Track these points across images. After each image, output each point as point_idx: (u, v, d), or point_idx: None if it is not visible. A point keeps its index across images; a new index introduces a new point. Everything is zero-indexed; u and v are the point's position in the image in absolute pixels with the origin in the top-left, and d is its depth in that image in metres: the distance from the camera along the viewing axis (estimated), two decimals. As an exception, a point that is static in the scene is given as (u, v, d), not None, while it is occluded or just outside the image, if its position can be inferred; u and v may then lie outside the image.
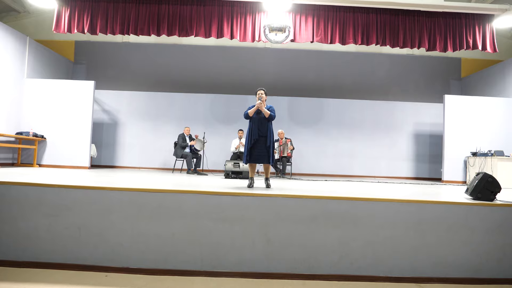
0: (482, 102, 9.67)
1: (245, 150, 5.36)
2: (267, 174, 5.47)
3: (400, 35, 7.93)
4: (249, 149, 5.28)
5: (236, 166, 7.64)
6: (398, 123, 11.24)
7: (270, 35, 7.18)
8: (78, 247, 3.97)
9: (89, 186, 4.11)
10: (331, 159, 10.96)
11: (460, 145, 9.42)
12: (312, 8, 7.94)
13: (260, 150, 5.27)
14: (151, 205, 4.03)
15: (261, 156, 5.27)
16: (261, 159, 5.28)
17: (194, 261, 3.95)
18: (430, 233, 4.00)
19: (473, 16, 8.05)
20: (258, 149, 5.28)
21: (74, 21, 7.86)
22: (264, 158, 5.27)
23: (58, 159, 9.19)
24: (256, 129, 5.27)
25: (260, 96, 5.37)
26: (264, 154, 5.27)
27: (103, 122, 11.00)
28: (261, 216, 3.97)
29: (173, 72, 11.48)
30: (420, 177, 11.07)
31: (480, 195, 4.40)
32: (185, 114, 11.03)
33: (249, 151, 5.29)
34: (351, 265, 3.93)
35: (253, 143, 5.26)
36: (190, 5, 7.84)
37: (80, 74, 11.52)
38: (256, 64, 11.53)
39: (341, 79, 11.58)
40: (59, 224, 4.01)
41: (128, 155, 10.97)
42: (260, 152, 5.27)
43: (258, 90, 5.42)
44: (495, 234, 4.05)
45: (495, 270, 4.04)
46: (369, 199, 4.07)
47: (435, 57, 11.59)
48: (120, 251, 3.95)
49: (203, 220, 3.99)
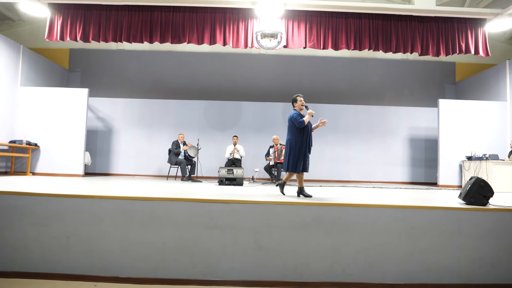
0: (476, 106, 9.69)
1: (296, 159, 5.19)
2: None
3: (393, 40, 7.94)
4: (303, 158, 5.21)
5: (230, 172, 7.60)
6: (393, 127, 11.23)
7: (263, 41, 7.18)
8: (67, 257, 3.92)
9: (78, 195, 4.08)
10: (327, 164, 10.93)
11: (455, 150, 9.42)
12: (304, 14, 7.95)
13: (307, 158, 5.28)
14: (142, 214, 3.99)
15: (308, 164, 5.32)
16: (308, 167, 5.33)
17: (185, 269, 3.90)
18: (423, 238, 3.97)
19: (465, 20, 8.07)
20: (306, 157, 5.27)
21: (67, 29, 7.85)
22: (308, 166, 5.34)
23: (52, 167, 9.14)
24: (311, 137, 5.28)
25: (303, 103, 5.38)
26: (308, 162, 5.31)
27: (97, 130, 10.96)
28: (252, 223, 3.94)
29: (168, 79, 11.47)
30: (416, 181, 11.04)
31: (473, 200, 4.38)
32: (180, 121, 11.00)
33: (303, 159, 5.21)
34: (343, 272, 3.89)
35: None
36: (183, 12, 7.84)
37: (75, 81, 11.49)
38: (251, 71, 11.53)
39: (336, 85, 11.58)
40: (48, 233, 3.97)
41: (122, 163, 10.92)
42: (307, 160, 5.28)
43: (299, 97, 5.43)
44: (489, 239, 4.02)
45: (489, 275, 4.00)
46: (361, 205, 4.05)
47: (430, 61, 11.62)
48: (110, 260, 3.90)
49: (194, 228, 3.95)
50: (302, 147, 5.19)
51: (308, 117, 5.21)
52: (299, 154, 5.18)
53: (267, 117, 11.13)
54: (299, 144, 5.19)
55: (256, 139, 10.79)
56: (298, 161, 5.18)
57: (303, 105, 5.38)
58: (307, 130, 5.24)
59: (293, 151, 5.20)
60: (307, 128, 5.24)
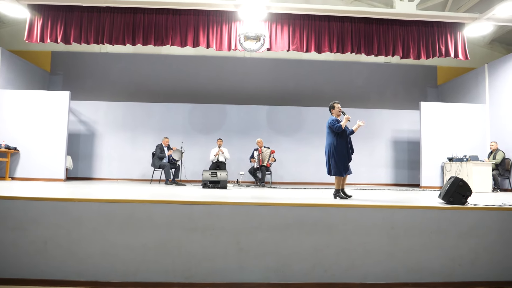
0: (457, 109, 9.86)
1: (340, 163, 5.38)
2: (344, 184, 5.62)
3: (375, 43, 8.04)
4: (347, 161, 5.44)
5: (213, 175, 7.56)
6: (377, 130, 11.34)
7: (246, 43, 7.18)
8: (45, 261, 3.84)
9: (56, 198, 4.00)
10: (312, 167, 10.95)
11: (437, 151, 9.56)
12: (287, 17, 7.99)
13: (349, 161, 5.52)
14: (121, 216, 3.93)
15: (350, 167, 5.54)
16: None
17: (166, 272, 3.86)
18: (403, 238, 4.00)
19: (445, 24, 8.22)
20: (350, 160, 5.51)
21: (47, 30, 7.73)
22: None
23: (32, 171, 8.94)
24: (350, 141, 5.51)
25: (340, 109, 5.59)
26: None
27: (79, 133, 10.80)
28: (233, 225, 3.91)
29: (152, 82, 11.38)
30: (399, 183, 11.15)
31: (452, 199, 4.44)
32: (164, 124, 10.91)
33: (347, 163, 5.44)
34: (325, 273, 3.89)
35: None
36: (166, 14, 7.80)
37: (56, 84, 11.30)
38: (236, 74, 11.52)
39: (321, 88, 11.63)
40: (25, 238, 3.88)
41: (105, 167, 10.76)
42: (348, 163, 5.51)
43: (336, 103, 5.64)
44: (468, 237, 4.08)
45: (468, 273, 4.05)
46: (342, 205, 4.06)
47: (412, 65, 11.79)
48: (89, 264, 3.83)
49: (175, 230, 3.91)
50: (343, 151, 5.42)
51: (345, 121, 5.41)
52: (343, 157, 5.42)
53: (252, 120, 11.13)
54: (340, 148, 5.42)
55: (240, 142, 10.76)
56: (342, 165, 5.41)
57: (340, 111, 5.59)
58: (346, 134, 5.47)
59: (335, 156, 5.41)
60: (345, 132, 5.46)
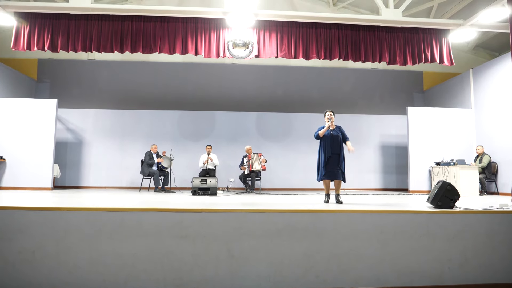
0: (443, 113, 10.01)
1: (319, 168, 5.72)
2: (338, 190, 5.72)
3: (362, 49, 8.14)
4: (324, 167, 5.60)
5: (203, 182, 7.54)
6: (365, 135, 11.42)
7: (234, 50, 7.21)
8: (32, 272, 3.78)
9: (43, 207, 3.94)
10: (301, 173, 10.98)
11: (424, 156, 9.67)
12: (275, 24, 8.05)
13: (333, 167, 5.62)
14: (110, 225, 3.90)
15: (334, 173, 5.63)
16: (335, 175, 5.64)
17: (156, 281, 3.82)
18: (392, 242, 4.03)
19: (430, 31, 8.37)
20: (332, 166, 5.59)
21: (34, 38, 7.66)
22: (338, 174, 5.64)
23: (19, 180, 8.80)
24: (329, 147, 5.63)
25: (330, 116, 5.79)
26: (337, 171, 5.63)
27: (67, 142, 10.67)
28: (224, 232, 3.91)
29: (140, 90, 11.34)
30: (388, 188, 11.24)
31: (440, 203, 4.50)
32: (152, 132, 10.85)
33: (324, 168, 5.60)
34: (316, 279, 3.90)
35: (327, 160, 5.61)
36: (154, 21, 7.79)
37: (43, 92, 11.18)
38: (224, 81, 11.54)
39: (309, 94, 11.73)
40: (12, 248, 3.82)
41: (94, 175, 10.64)
42: (333, 169, 5.62)
43: (328, 112, 5.85)
44: (456, 240, 4.13)
45: (457, 276, 4.10)
46: (331, 211, 4.08)
47: (399, 71, 11.95)
48: (78, 274, 3.78)
49: (165, 239, 3.89)
50: (320, 157, 5.74)
51: (324, 130, 5.70)
52: (318, 163, 5.77)
53: (241, 126, 11.14)
54: (318, 154, 5.79)
55: (230, 149, 10.75)
56: (318, 170, 5.78)
57: (329, 119, 5.81)
58: (326, 141, 5.66)
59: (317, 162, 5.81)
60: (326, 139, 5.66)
